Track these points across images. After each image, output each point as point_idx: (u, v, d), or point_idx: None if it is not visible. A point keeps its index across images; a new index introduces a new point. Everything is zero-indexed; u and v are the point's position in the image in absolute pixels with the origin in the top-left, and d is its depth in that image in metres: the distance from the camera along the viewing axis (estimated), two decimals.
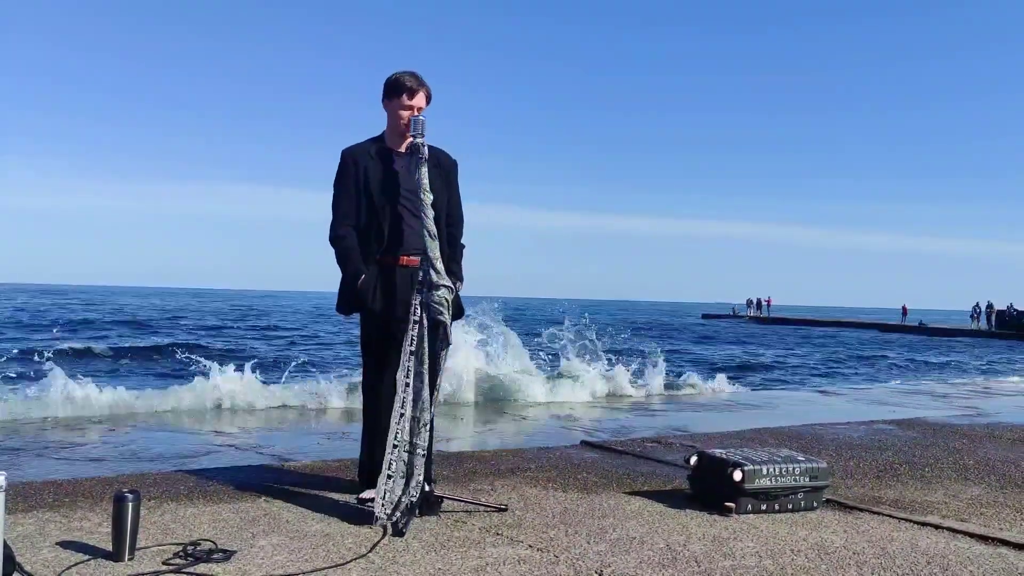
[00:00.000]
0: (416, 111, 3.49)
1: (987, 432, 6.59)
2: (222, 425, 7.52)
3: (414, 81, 3.53)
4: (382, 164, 3.52)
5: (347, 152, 3.59)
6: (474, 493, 3.74)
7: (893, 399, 10.66)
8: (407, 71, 3.57)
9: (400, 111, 3.51)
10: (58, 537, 2.91)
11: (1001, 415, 8.38)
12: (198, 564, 2.64)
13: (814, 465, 3.69)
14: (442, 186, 3.56)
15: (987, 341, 39.50)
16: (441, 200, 3.54)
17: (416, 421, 3.24)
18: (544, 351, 11.90)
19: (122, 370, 14.15)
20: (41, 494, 3.56)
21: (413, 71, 3.58)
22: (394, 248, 3.50)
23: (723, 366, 17.83)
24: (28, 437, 6.56)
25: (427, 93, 3.56)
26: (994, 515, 3.73)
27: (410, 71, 3.57)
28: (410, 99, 3.51)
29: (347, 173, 3.55)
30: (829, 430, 6.46)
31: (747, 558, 2.93)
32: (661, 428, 7.36)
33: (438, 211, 3.49)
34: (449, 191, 3.63)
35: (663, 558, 2.89)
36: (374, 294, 3.50)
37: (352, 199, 3.53)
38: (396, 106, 3.53)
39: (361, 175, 3.52)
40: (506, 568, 2.71)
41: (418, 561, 2.76)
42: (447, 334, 3.31)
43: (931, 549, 3.13)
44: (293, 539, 2.97)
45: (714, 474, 3.64)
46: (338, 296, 3.58)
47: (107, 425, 7.30)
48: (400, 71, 3.57)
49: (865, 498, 3.96)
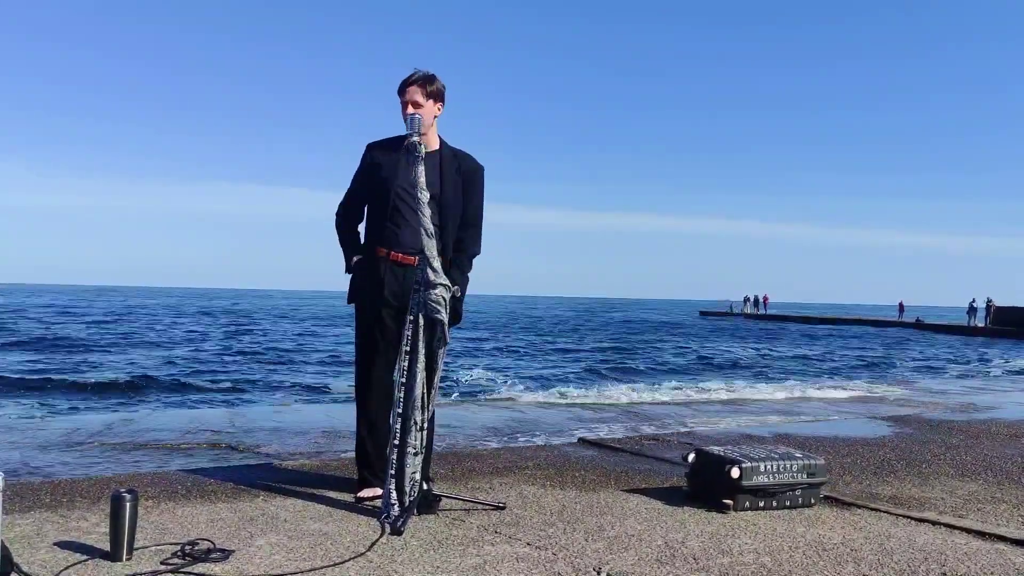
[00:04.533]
0: (411, 106, 3.48)
1: (984, 428, 6.60)
2: (218, 423, 7.52)
3: (407, 77, 3.53)
4: (392, 160, 3.52)
5: (368, 146, 3.66)
6: (472, 491, 3.74)
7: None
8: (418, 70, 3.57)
9: (402, 109, 3.52)
10: (56, 537, 2.91)
11: (996, 411, 8.40)
12: (196, 564, 2.63)
13: (811, 462, 3.69)
14: (458, 190, 3.56)
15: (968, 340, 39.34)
16: (454, 204, 3.53)
17: (411, 421, 3.24)
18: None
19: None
20: (38, 494, 3.56)
21: (423, 70, 3.55)
22: (390, 244, 3.51)
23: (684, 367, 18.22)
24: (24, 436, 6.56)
25: (422, 88, 3.49)
26: (991, 511, 3.74)
27: (420, 70, 3.55)
28: (401, 96, 3.51)
29: (362, 166, 3.64)
30: (826, 427, 6.47)
31: (745, 555, 2.93)
32: (658, 427, 7.36)
33: (448, 214, 3.49)
34: (467, 196, 3.61)
35: (661, 555, 2.89)
36: (368, 288, 3.52)
37: (357, 192, 3.64)
38: (401, 105, 3.54)
39: (373, 169, 3.55)
40: (505, 566, 2.71)
41: (416, 560, 2.76)
42: (444, 333, 3.31)
43: (929, 545, 3.13)
44: (291, 538, 2.97)
45: (712, 471, 3.64)
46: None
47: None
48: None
49: (862, 494, 3.97)
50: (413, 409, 3.24)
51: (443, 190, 3.51)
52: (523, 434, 7.28)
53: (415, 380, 3.25)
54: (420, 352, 3.27)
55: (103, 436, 6.65)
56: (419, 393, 3.25)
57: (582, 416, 9.07)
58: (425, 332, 3.28)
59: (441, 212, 3.52)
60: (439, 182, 3.51)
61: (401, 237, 3.50)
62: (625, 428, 8.01)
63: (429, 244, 3.29)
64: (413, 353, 3.27)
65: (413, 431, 3.24)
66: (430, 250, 3.29)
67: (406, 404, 3.25)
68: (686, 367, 20.09)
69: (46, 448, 6.18)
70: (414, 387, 3.24)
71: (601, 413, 9.35)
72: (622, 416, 9.07)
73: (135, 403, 11.47)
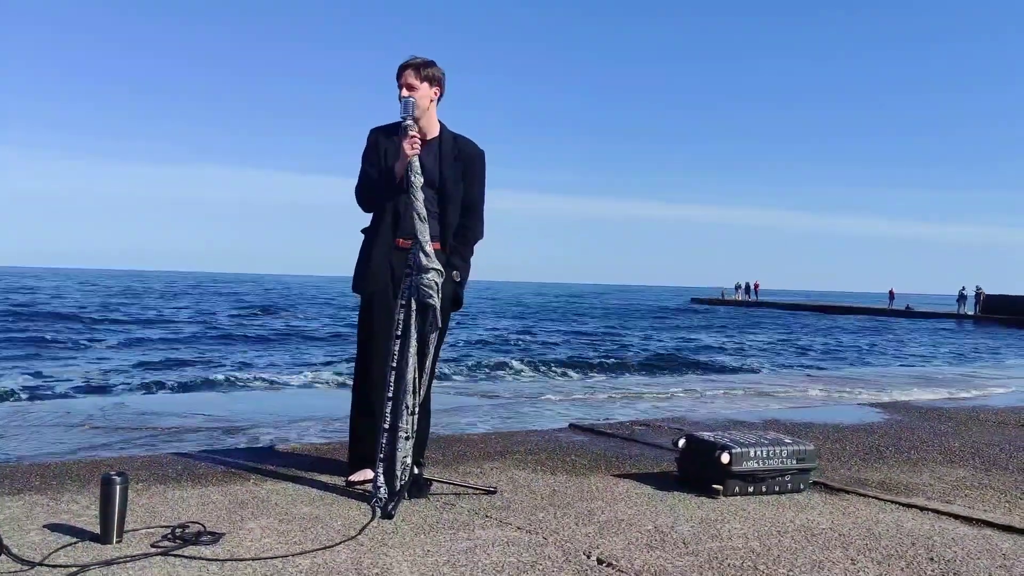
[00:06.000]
0: (405, 89, 3.46)
1: (972, 415, 6.64)
2: (211, 407, 7.51)
3: (404, 61, 3.51)
4: (395, 145, 3.48)
5: (372, 130, 3.61)
6: (463, 476, 3.74)
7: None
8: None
9: (399, 93, 3.49)
10: (45, 520, 2.90)
11: (984, 398, 8.45)
12: (186, 546, 2.63)
13: (801, 447, 3.71)
14: (458, 176, 3.54)
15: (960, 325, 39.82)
16: (454, 189, 3.52)
17: (402, 404, 3.24)
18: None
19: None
20: (28, 477, 3.55)
21: (422, 57, 3.53)
22: (395, 229, 3.49)
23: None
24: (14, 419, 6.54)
25: (417, 71, 3.47)
26: (979, 497, 3.77)
27: (419, 57, 3.53)
28: (398, 80, 3.49)
29: (368, 150, 3.59)
30: (816, 413, 6.50)
31: (734, 539, 2.95)
32: (649, 413, 7.38)
33: (448, 200, 3.48)
34: (467, 182, 3.58)
35: (651, 540, 2.91)
36: (372, 273, 3.51)
37: (369, 172, 3.57)
38: (398, 88, 3.51)
39: (381, 154, 3.52)
40: (495, 550, 2.72)
41: (407, 543, 2.76)
42: (436, 318, 3.30)
43: (916, 530, 3.16)
44: (282, 522, 2.97)
45: (702, 457, 3.65)
46: (354, 273, 3.60)
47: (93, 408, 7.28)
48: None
49: (851, 480, 3.99)
50: (404, 393, 3.24)
51: (443, 176, 3.50)
52: (513, 419, 7.28)
53: (407, 364, 3.24)
54: (412, 337, 3.26)
55: (94, 419, 6.63)
56: (411, 377, 3.25)
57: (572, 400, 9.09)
58: (417, 317, 3.27)
59: (441, 198, 3.50)
60: (438, 168, 3.49)
61: (402, 222, 3.48)
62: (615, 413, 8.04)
63: (422, 228, 3.28)
64: (405, 338, 3.27)
65: (404, 415, 3.24)
66: (422, 234, 3.28)
67: (397, 388, 3.25)
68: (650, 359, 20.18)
69: (37, 430, 6.16)
70: (405, 371, 3.24)
71: (591, 398, 9.37)
72: (611, 403, 9.09)
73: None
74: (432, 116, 3.55)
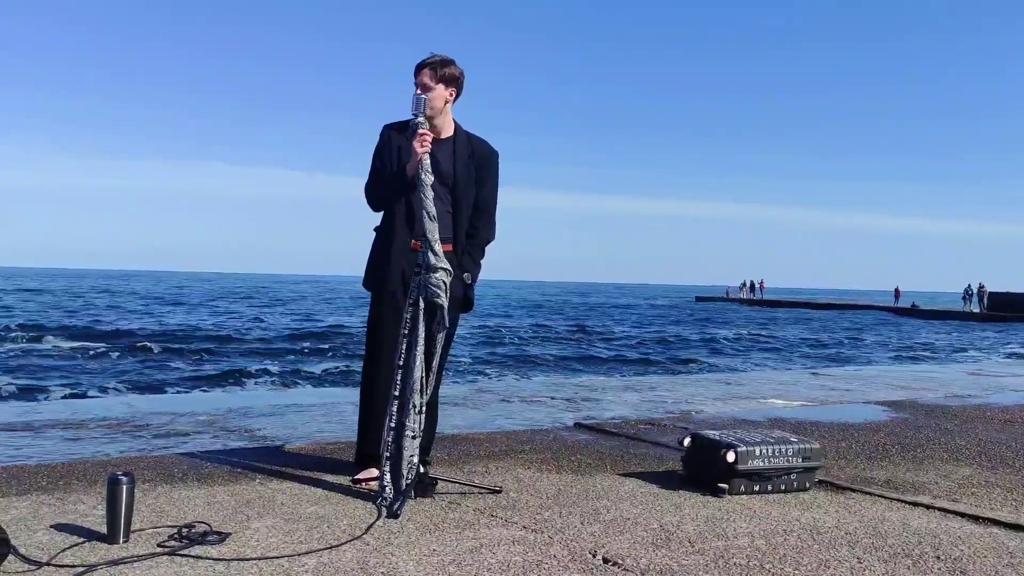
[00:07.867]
0: (420, 88, 3.44)
1: (978, 413, 6.63)
2: (217, 407, 7.51)
3: (423, 59, 3.49)
4: (408, 143, 3.48)
5: (385, 127, 3.59)
6: (468, 475, 3.75)
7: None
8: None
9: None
10: (52, 520, 2.91)
11: (991, 396, 8.43)
12: (193, 546, 2.64)
13: (807, 446, 3.71)
14: (470, 175, 3.53)
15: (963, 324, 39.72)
16: (467, 190, 3.51)
17: (410, 403, 3.24)
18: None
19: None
20: (35, 477, 3.56)
21: (442, 55, 3.51)
22: (410, 229, 3.48)
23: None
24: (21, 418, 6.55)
25: (433, 70, 3.45)
26: (985, 495, 3.76)
27: (439, 55, 3.51)
28: (415, 78, 3.48)
29: (381, 148, 3.57)
30: (821, 411, 6.49)
31: (740, 538, 2.95)
32: (654, 410, 7.37)
33: (461, 200, 3.48)
34: (480, 182, 3.58)
35: (657, 539, 2.91)
36: (383, 273, 3.51)
37: (380, 171, 3.56)
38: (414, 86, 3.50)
39: (393, 152, 3.51)
40: (501, 549, 2.72)
41: (413, 543, 2.77)
42: (444, 317, 3.30)
43: (923, 529, 3.15)
44: (288, 521, 2.97)
45: (708, 455, 3.65)
46: (365, 270, 3.60)
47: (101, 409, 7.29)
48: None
49: (857, 479, 3.98)
50: (412, 392, 3.24)
51: (456, 176, 3.49)
52: (519, 418, 7.28)
53: (414, 363, 3.25)
54: (420, 335, 3.27)
55: (101, 419, 6.64)
56: (418, 376, 3.25)
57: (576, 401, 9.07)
58: (425, 316, 3.28)
59: (454, 198, 3.49)
60: (452, 168, 3.48)
61: (416, 222, 3.48)
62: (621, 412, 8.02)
63: (431, 227, 3.28)
64: (412, 336, 3.27)
65: (412, 414, 3.24)
66: (432, 233, 3.28)
67: (403, 387, 3.26)
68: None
69: (43, 430, 6.18)
70: (412, 370, 3.25)
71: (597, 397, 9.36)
72: (616, 403, 9.08)
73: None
74: (447, 116, 3.54)
